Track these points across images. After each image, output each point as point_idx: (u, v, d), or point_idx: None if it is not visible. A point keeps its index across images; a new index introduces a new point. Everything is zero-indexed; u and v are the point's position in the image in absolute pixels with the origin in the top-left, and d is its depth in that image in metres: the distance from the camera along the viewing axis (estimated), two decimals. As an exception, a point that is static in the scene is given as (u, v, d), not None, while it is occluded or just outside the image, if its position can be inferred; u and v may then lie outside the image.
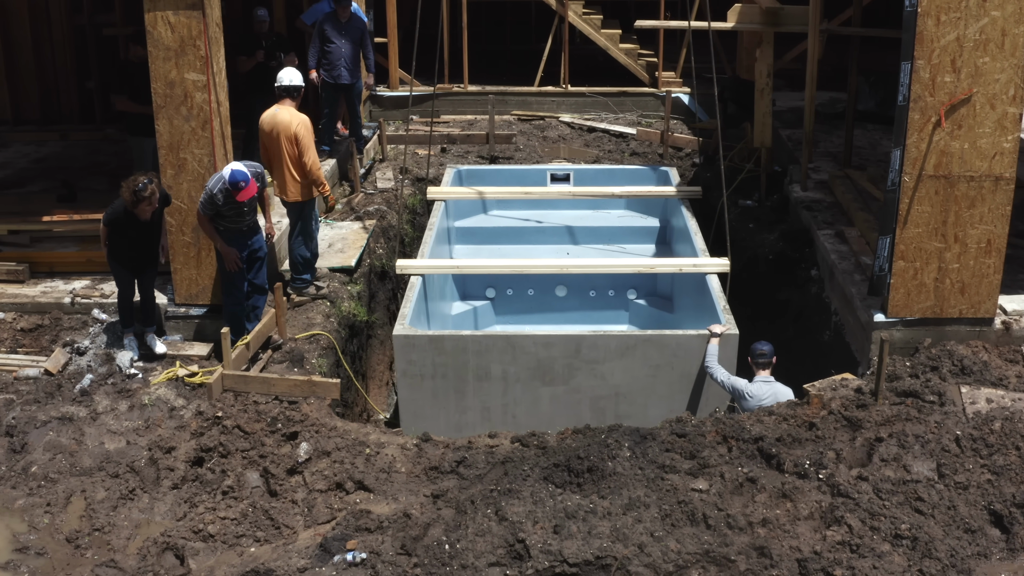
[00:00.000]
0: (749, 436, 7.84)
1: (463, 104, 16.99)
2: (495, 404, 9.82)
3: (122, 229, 9.07)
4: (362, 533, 7.37)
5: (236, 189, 9.01)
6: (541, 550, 6.82)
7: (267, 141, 10.23)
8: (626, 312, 12.65)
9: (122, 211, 8.98)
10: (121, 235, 9.12)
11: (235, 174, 9.01)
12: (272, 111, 10.23)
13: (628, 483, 7.27)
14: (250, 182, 9.06)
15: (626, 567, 6.79)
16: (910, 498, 7.29)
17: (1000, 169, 8.95)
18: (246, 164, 9.35)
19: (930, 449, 7.68)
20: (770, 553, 6.84)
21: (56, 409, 8.77)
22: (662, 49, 16.63)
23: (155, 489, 8.03)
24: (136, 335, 9.57)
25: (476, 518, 7.11)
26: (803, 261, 11.76)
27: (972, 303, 9.31)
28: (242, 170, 9.05)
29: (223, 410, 8.56)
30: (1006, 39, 8.63)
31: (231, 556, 7.34)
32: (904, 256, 9.22)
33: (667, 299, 12.67)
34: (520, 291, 12.52)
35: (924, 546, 6.93)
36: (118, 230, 9.10)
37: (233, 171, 9.03)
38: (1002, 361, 9.21)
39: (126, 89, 11.37)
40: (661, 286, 12.75)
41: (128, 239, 9.14)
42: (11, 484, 8.15)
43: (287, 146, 10.08)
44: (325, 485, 7.86)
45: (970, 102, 8.79)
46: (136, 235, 9.15)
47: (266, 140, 10.24)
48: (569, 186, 13.75)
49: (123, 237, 9.13)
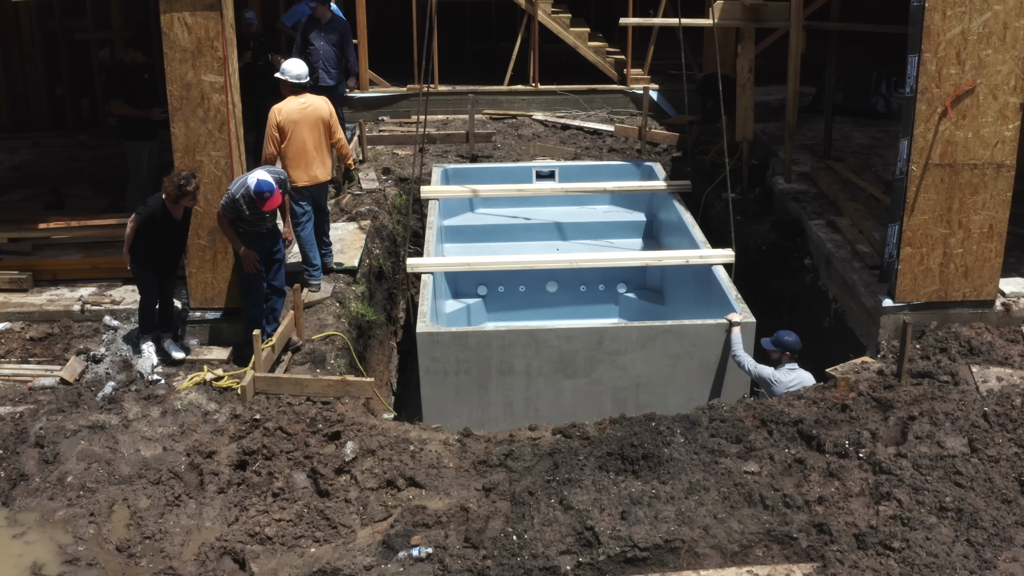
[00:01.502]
0: (788, 419, 8.08)
1: (434, 104, 17.01)
2: (518, 398, 9.93)
3: (155, 229, 8.99)
4: (420, 529, 7.43)
5: (261, 200, 8.99)
6: (611, 536, 6.96)
7: (297, 130, 10.31)
8: (616, 306, 12.86)
9: (160, 208, 8.92)
10: (152, 235, 9.03)
11: (260, 184, 8.98)
12: (295, 101, 10.41)
13: (686, 468, 7.45)
14: (275, 192, 9.05)
15: (694, 549, 6.97)
16: (949, 472, 7.59)
17: (1001, 157, 9.33)
18: (270, 171, 9.34)
19: (960, 426, 7.99)
20: (829, 529, 7.08)
21: (84, 418, 8.66)
22: (631, 47, 16.88)
23: (200, 494, 7.99)
24: (153, 340, 9.48)
25: (540, 508, 7.22)
26: (796, 251, 12.08)
27: (975, 286, 9.68)
28: (267, 180, 9.04)
29: (260, 412, 8.54)
30: (1007, 32, 9.01)
31: (292, 558, 7.34)
32: (911, 242, 9.55)
33: (657, 292, 12.91)
34: (511, 288, 12.65)
35: (969, 517, 7.23)
36: (151, 230, 9.00)
37: (259, 181, 9.00)
38: (1004, 341, 9.59)
39: (122, 92, 11.22)
40: (651, 279, 12.98)
41: (158, 240, 9.07)
42: (48, 495, 8.04)
43: (324, 129, 10.50)
44: (376, 483, 7.90)
45: (974, 93, 9.15)
46: (166, 235, 9.09)
47: (295, 129, 10.30)
48: (556, 183, 13.90)
49: (153, 237, 9.04)
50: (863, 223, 11.36)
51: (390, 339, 12.69)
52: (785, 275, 12.10)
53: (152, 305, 9.36)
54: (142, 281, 9.34)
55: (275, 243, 9.70)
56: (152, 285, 9.34)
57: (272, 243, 9.65)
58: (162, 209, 8.94)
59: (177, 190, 8.77)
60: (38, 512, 7.91)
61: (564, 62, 18.33)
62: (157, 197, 9.02)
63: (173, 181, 8.79)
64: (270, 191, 8.99)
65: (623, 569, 6.90)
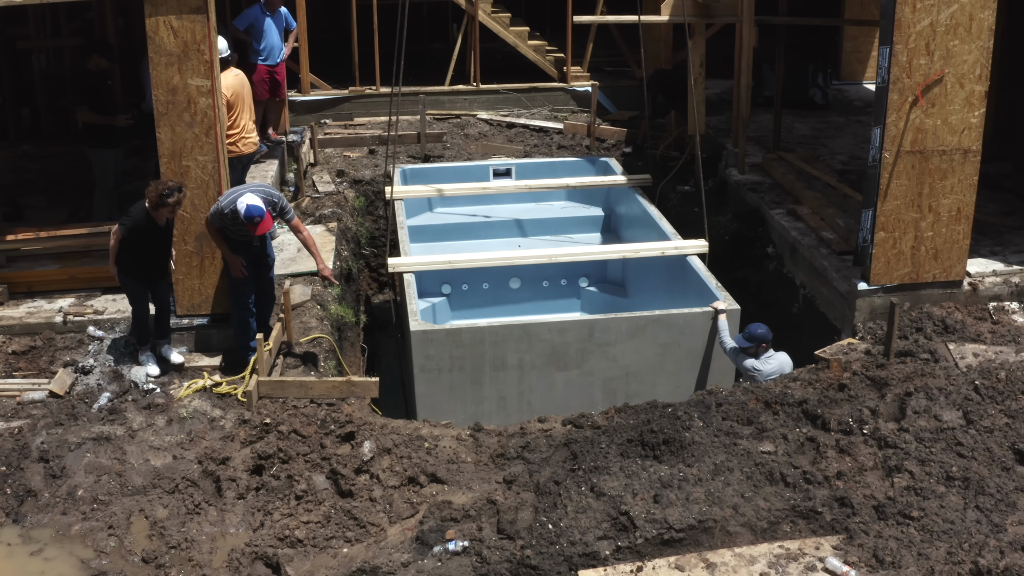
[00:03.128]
0: (793, 400, 8.37)
1: (376, 106, 17.00)
2: (511, 393, 10.05)
3: (140, 237, 8.84)
4: (450, 524, 7.51)
5: (252, 225, 8.89)
6: (646, 519, 7.14)
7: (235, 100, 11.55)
8: (578, 300, 13.07)
9: (143, 216, 8.77)
10: (137, 244, 8.87)
11: (251, 209, 8.83)
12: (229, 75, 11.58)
13: (708, 450, 7.67)
14: (265, 216, 8.92)
15: (725, 528, 7.19)
16: (951, 444, 7.95)
17: (968, 142, 9.79)
18: (258, 191, 9.17)
19: (953, 400, 8.38)
20: (850, 503, 7.37)
21: (86, 430, 8.50)
22: (570, 45, 17.10)
23: (220, 501, 7.91)
24: (151, 350, 9.33)
25: (572, 496, 7.36)
26: (758, 240, 12.44)
27: (944, 267, 10.14)
28: (258, 204, 8.88)
29: (270, 416, 8.49)
30: (973, 23, 9.46)
31: (325, 559, 7.34)
32: (884, 227, 9.95)
33: (619, 285, 13.16)
34: (475, 286, 12.75)
35: (976, 485, 7.60)
36: (135, 239, 8.84)
37: (249, 207, 8.82)
38: (973, 319, 10.06)
39: (87, 100, 10.99)
40: (612, 273, 13.23)
41: (144, 248, 8.92)
42: (59, 510, 7.87)
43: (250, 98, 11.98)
44: (398, 481, 7.94)
45: (942, 82, 9.59)
46: (152, 243, 8.95)
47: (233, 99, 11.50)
48: (513, 180, 14.03)
49: (139, 246, 8.87)
50: (824, 211, 11.76)
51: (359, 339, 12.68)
52: (748, 264, 12.45)
53: (145, 314, 9.21)
54: (132, 291, 9.17)
55: (264, 249, 9.62)
56: (142, 294, 9.18)
57: (261, 249, 9.57)
58: (146, 217, 8.80)
59: (158, 198, 8.64)
60: (52, 528, 7.74)
61: (500, 61, 18.45)
62: (140, 206, 8.85)
63: (157, 189, 8.66)
64: (260, 216, 8.88)
65: (660, 551, 7.08)
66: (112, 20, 13.78)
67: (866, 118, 15.88)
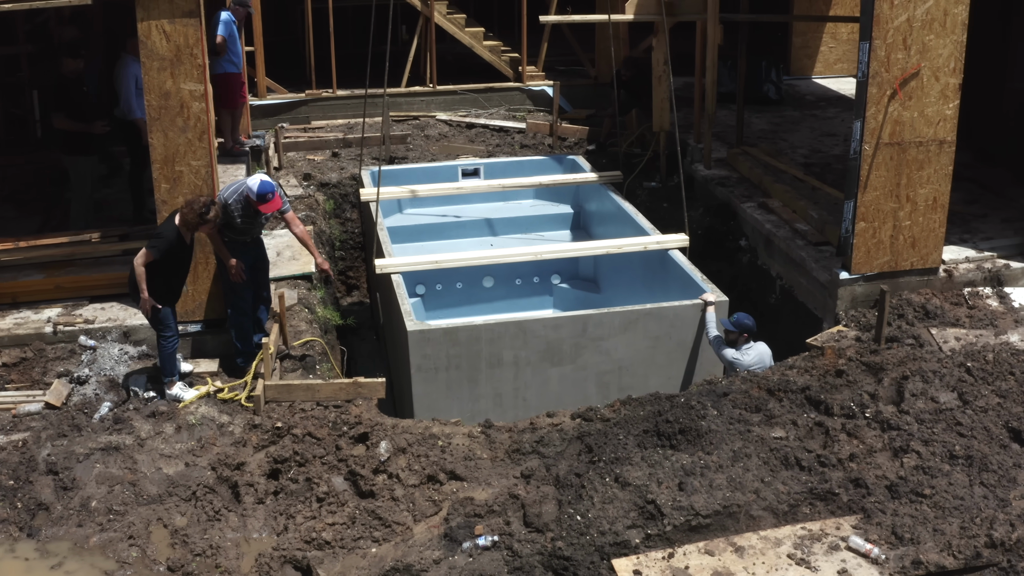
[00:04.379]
0: (796, 387, 8.60)
1: (333, 109, 16.96)
2: (507, 389, 10.12)
3: (173, 259, 8.70)
4: (475, 519, 7.57)
5: (264, 201, 8.91)
6: (672, 507, 7.29)
7: None
8: (551, 297, 13.21)
9: (176, 237, 8.64)
10: (170, 267, 8.71)
11: (264, 184, 8.91)
12: None
13: (725, 438, 7.85)
14: (275, 193, 8.98)
15: (749, 512, 7.37)
16: (951, 424, 8.24)
17: (943, 133, 10.13)
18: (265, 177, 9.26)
19: (947, 382, 8.68)
20: (865, 483, 7.61)
21: (93, 440, 8.38)
22: (525, 45, 17.23)
23: (239, 506, 7.87)
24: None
25: (597, 488, 7.48)
26: (730, 233, 12.70)
27: (921, 255, 10.48)
28: (269, 181, 8.99)
29: (282, 420, 8.47)
30: (947, 18, 9.80)
31: (355, 560, 7.35)
32: (865, 217, 10.25)
33: (591, 281, 13.33)
34: (449, 286, 12.81)
35: (979, 462, 7.88)
36: (169, 262, 8.66)
37: (262, 182, 8.93)
38: (951, 304, 10.42)
39: (63, 106, 10.80)
40: (583, 269, 13.38)
41: (174, 270, 8.78)
42: (74, 522, 7.75)
43: None
44: (417, 479, 7.97)
45: (919, 75, 9.91)
46: (181, 263, 8.84)
47: None
48: (482, 180, 14.10)
49: (169, 269, 8.71)
50: (796, 203, 12.06)
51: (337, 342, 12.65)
52: (722, 257, 12.70)
53: (177, 348, 9.03)
54: (168, 324, 8.82)
55: (260, 253, 9.59)
56: (176, 324, 8.95)
57: (257, 253, 9.54)
58: (178, 238, 8.69)
59: (198, 218, 8.53)
60: (68, 540, 7.62)
61: (451, 62, 18.50)
62: (169, 226, 8.68)
63: (194, 209, 8.50)
64: (272, 192, 8.93)
65: (689, 537, 7.23)
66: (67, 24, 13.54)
67: (820, 112, 16.33)
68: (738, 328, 9.68)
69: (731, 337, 9.74)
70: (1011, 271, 10.66)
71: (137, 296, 8.73)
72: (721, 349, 9.75)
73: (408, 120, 16.79)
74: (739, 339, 9.71)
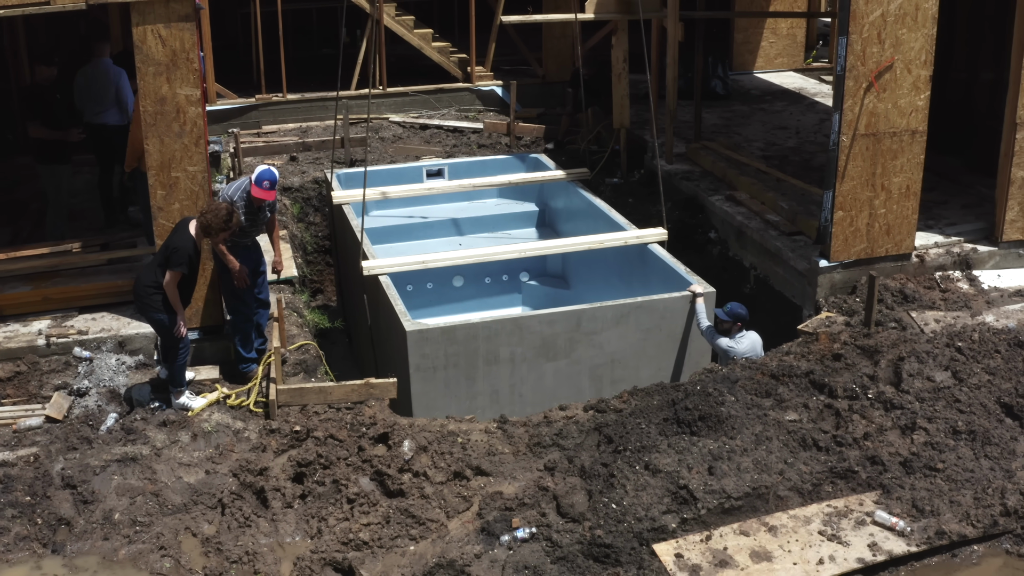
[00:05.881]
0: (800, 372, 8.87)
1: (284, 113, 16.85)
2: (503, 386, 10.21)
3: (192, 269, 8.61)
4: (507, 513, 7.67)
5: (261, 187, 9.00)
6: (705, 491, 7.49)
7: None
8: (519, 295, 13.35)
9: (193, 247, 8.52)
10: (187, 279, 8.62)
11: (265, 172, 8.96)
12: None
13: (745, 423, 8.08)
14: (276, 182, 9.01)
15: (776, 492, 7.61)
16: (950, 401, 8.59)
17: (915, 124, 10.54)
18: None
19: (940, 362, 9.04)
20: (881, 460, 7.91)
21: (107, 452, 8.25)
22: (473, 45, 17.32)
23: (267, 512, 7.83)
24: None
25: (629, 476, 7.63)
26: (699, 226, 12.98)
27: (895, 242, 10.87)
28: (271, 169, 9.00)
29: (300, 424, 8.44)
30: (919, 12, 10.20)
31: (396, 558, 7.38)
32: (843, 206, 10.60)
33: (559, 278, 13.50)
34: (420, 286, 12.86)
35: (981, 436, 8.25)
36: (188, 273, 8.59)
37: (263, 170, 8.96)
38: (924, 288, 10.83)
39: (37, 114, 10.57)
40: (551, 266, 13.55)
41: (190, 280, 8.70)
42: (99, 536, 7.64)
43: None
44: (444, 476, 8.03)
45: (892, 68, 10.30)
46: (195, 270, 8.73)
47: None
48: (447, 180, 14.15)
49: (187, 280, 8.63)
50: (764, 195, 12.40)
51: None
52: (692, 249, 12.96)
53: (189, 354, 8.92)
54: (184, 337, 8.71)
55: (259, 257, 9.53)
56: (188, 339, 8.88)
57: (257, 257, 9.49)
58: (195, 247, 8.59)
59: (224, 224, 8.44)
60: (96, 555, 7.51)
61: (395, 64, 18.49)
62: (184, 237, 8.54)
63: (219, 216, 8.41)
64: (272, 180, 9.00)
65: (723, 519, 7.44)
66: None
67: (768, 106, 16.76)
68: (732, 317, 9.94)
69: (724, 326, 9.99)
70: (979, 255, 11.13)
71: (146, 309, 8.62)
72: (715, 338, 9.99)
73: (361, 123, 16.74)
74: (733, 327, 9.96)
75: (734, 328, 10.00)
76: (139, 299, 8.66)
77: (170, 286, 8.46)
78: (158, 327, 8.70)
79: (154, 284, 8.51)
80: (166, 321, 8.57)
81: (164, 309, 8.55)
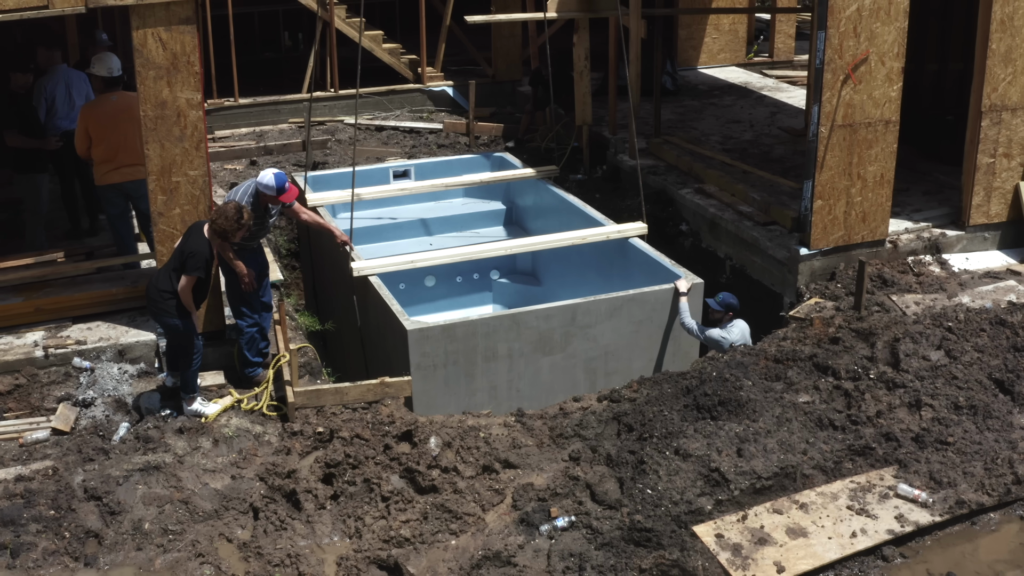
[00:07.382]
0: (803, 356, 9.15)
1: (236, 118, 16.68)
2: (501, 381, 10.32)
3: (207, 274, 8.50)
4: (540, 503, 7.77)
5: (283, 192, 8.91)
6: (736, 473, 7.69)
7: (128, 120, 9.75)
8: (490, 293, 13.46)
9: (209, 250, 8.41)
10: (201, 284, 8.52)
11: (280, 176, 8.88)
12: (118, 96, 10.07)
13: (764, 406, 8.31)
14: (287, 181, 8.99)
15: (802, 471, 7.85)
16: (948, 379, 8.95)
17: (889, 114, 10.93)
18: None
19: (933, 341, 9.41)
20: (895, 437, 8.21)
21: (127, 462, 8.12)
22: (424, 47, 17.36)
23: (301, 514, 7.79)
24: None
25: (660, 461, 7.80)
26: (670, 219, 13.23)
27: (871, 228, 11.26)
28: (281, 172, 8.94)
29: (322, 425, 8.42)
30: (892, 6, 10.58)
31: (439, 553, 7.43)
32: (822, 195, 10.94)
33: (529, 275, 13.64)
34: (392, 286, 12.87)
35: (982, 411, 8.62)
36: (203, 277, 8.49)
37: (277, 174, 8.89)
38: (899, 273, 11.23)
39: (15, 123, 10.31)
40: (521, 264, 13.69)
41: (204, 285, 8.58)
42: (132, 546, 7.52)
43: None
44: (473, 471, 8.09)
45: (867, 61, 10.67)
46: (209, 275, 8.61)
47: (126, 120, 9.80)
48: (413, 181, 14.18)
49: (201, 285, 8.53)
50: (734, 187, 12.70)
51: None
52: (663, 242, 13.20)
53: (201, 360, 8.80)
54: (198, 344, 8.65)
55: (263, 259, 9.47)
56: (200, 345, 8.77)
57: (261, 260, 9.42)
58: (210, 250, 8.49)
59: (236, 224, 8.36)
60: (131, 566, 7.39)
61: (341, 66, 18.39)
62: (201, 240, 8.44)
63: (229, 217, 8.32)
64: (287, 182, 8.94)
65: (755, 499, 7.65)
66: None
67: (718, 100, 17.12)
68: (724, 307, 10.18)
69: (716, 316, 10.22)
70: (947, 239, 11.58)
71: (159, 315, 8.52)
72: (704, 332, 10.21)
73: (316, 125, 16.65)
74: (724, 317, 10.20)
75: (725, 318, 10.24)
76: (152, 304, 8.54)
77: (185, 291, 8.37)
78: (171, 332, 8.60)
79: (169, 289, 8.41)
80: (180, 326, 8.48)
81: (178, 314, 8.45)
